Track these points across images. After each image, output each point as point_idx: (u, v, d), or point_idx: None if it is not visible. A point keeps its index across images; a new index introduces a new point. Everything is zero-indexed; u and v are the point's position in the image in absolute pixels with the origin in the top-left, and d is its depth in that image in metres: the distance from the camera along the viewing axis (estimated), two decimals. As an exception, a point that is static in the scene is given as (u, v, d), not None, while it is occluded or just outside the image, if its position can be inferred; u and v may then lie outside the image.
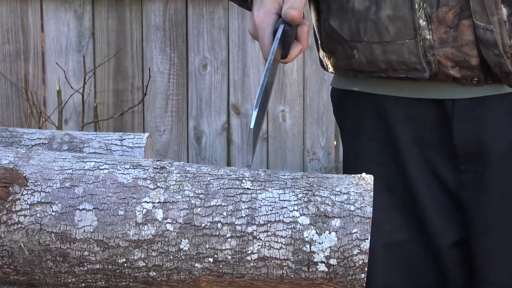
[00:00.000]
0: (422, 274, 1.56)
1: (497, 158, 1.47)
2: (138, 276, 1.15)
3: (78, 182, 1.15)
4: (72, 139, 1.41)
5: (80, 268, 1.15)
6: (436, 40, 1.41)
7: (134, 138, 1.43)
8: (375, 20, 1.44)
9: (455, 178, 1.50)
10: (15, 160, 1.17)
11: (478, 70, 1.42)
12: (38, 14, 3.50)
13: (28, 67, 3.51)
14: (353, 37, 1.48)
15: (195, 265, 1.13)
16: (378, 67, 1.47)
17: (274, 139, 3.91)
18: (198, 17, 3.73)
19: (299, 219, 1.11)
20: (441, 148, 1.51)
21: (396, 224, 1.55)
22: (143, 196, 1.13)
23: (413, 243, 1.55)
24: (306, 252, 1.11)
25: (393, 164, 1.54)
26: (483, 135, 1.47)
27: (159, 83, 3.70)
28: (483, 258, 1.50)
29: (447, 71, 1.43)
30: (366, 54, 1.47)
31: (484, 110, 1.46)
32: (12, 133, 1.41)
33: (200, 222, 1.12)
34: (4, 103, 3.52)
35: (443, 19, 1.40)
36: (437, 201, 1.52)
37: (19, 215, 1.13)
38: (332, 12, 1.51)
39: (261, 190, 1.13)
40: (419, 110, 1.51)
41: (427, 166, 1.52)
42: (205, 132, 3.81)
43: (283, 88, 3.90)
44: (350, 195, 1.12)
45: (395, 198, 1.55)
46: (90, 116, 3.58)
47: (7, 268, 1.16)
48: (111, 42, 3.60)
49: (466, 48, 1.40)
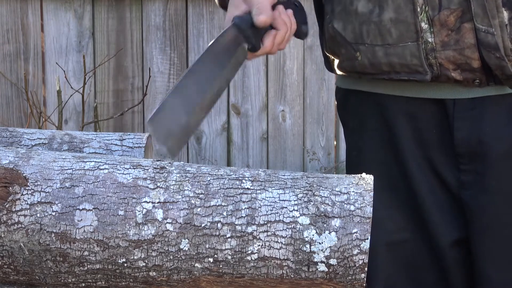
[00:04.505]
0: (423, 272, 1.56)
1: (497, 158, 1.47)
2: (138, 276, 1.14)
3: (78, 182, 1.14)
4: (72, 139, 1.41)
5: (80, 268, 1.15)
6: (438, 43, 1.42)
7: (134, 138, 1.43)
8: (378, 23, 1.45)
9: (455, 177, 1.50)
10: (15, 160, 1.17)
11: (480, 73, 1.43)
12: (38, 14, 3.50)
13: (28, 67, 3.51)
14: (356, 39, 1.49)
15: (195, 265, 1.13)
16: (380, 70, 1.48)
17: (274, 139, 3.91)
18: (198, 17, 3.73)
19: (299, 219, 1.11)
20: (442, 147, 1.51)
21: (398, 223, 1.55)
22: (143, 196, 1.13)
23: (414, 242, 1.55)
24: (306, 252, 1.11)
25: (394, 163, 1.55)
26: (484, 135, 1.47)
27: (159, 83, 3.70)
28: (483, 258, 1.50)
29: (449, 74, 1.43)
30: (369, 57, 1.47)
31: (485, 110, 1.47)
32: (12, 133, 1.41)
33: (200, 222, 1.12)
34: (4, 103, 3.52)
35: (445, 22, 1.41)
36: (438, 200, 1.52)
37: (19, 215, 1.13)
38: (336, 15, 1.52)
39: (261, 190, 1.13)
40: (420, 110, 1.51)
41: (428, 165, 1.52)
42: (205, 132, 3.81)
43: (283, 88, 3.90)
44: (350, 195, 1.12)
45: (396, 197, 1.55)
46: (90, 116, 3.58)
47: (7, 268, 1.16)
48: (111, 42, 3.60)
49: (468, 51, 1.41)
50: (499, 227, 1.49)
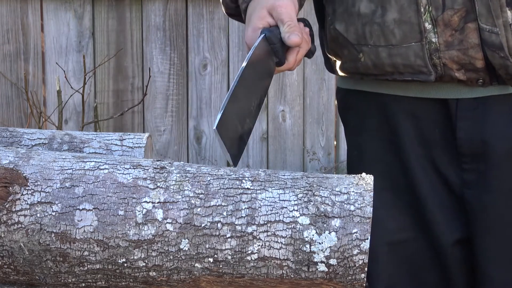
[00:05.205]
0: (425, 272, 1.57)
1: (500, 157, 1.47)
2: (138, 276, 1.15)
3: (78, 182, 1.15)
4: (72, 139, 1.41)
5: (80, 268, 1.15)
6: (442, 43, 1.42)
7: (134, 138, 1.43)
8: (381, 24, 1.45)
9: (458, 177, 1.51)
10: (15, 160, 1.17)
11: (483, 73, 1.43)
12: (38, 14, 3.50)
13: (28, 67, 3.51)
14: (359, 40, 1.48)
15: (195, 265, 1.13)
16: (384, 70, 1.48)
17: (274, 139, 3.91)
18: (198, 17, 3.73)
19: (299, 219, 1.11)
20: (444, 147, 1.51)
21: (400, 223, 1.55)
22: (143, 196, 1.13)
23: (416, 241, 1.55)
24: (306, 252, 1.11)
25: (396, 163, 1.55)
26: (487, 135, 1.47)
27: (159, 83, 3.70)
28: (485, 257, 1.50)
29: (453, 74, 1.44)
30: (372, 58, 1.47)
31: (488, 110, 1.47)
32: (12, 133, 1.41)
33: (200, 222, 1.12)
34: (4, 103, 3.52)
35: (449, 22, 1.41)
36: (440, 199, 1.52)
37: (19, 215, 1.13)
38: (338, 16, 1.52)
39: (261, 190, 1.13)
40: (423, 109, 1.51)
41: (430, 165, 1.52)
42: (205, 132, 3.81)
43: (283, 88, 3.90)
44: (350, 195, 1.12)
45: (398, 197, 1.55)
46: (90, 116, 3.58)
47: (7, 268, 1.16)
48: (111, 42, 3.60)
49: (472, 51, 1.41)
50: (501, 226, 1.49)
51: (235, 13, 1.56)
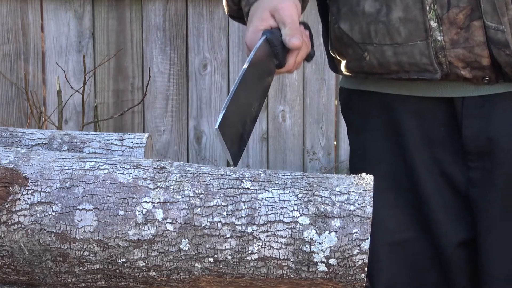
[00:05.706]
0: (427, 272, 1.57)
1: (506, 155, 1.47)
2: (138, 276, 1.14)
3: (78, 182, 1.15)
4: (72, 139, 1.41)
5: (80, 268, 1.15)
6: (447, 41, 1.42)
7: (134, 138, 1.43)
8: (386, 22, 1.45)
9: (463, 175, 1.50)
10: (15, 160, 1.17)
11: (489, 70, 1.43)
12: (38, 14, 3.50)
13: (28, 67, 3.51)
14: (364, 39, 1.48)
15: (195, 265, 1.13)
16: (389, 69, 1.48)
17: (274, 139, 3.91)
18: (198, 17, 3.73)
19: (299, 219, 1.11)
20: (449, 146, 1.51)
21: (402, 223, 1.55)
22: (143, 196, 1.13)
23: (418, 241, 1.55)
24: (306, 252, 1.11)
25: (400, 162, 1.55)
26: (493, 132, 1.47)
27: (159, 83, 3.70)
28: (489, 255, 1.50)
29: (459, 72, 1.44)
30: (377, 56, 1.47)
31: (494, 107, 1.47)
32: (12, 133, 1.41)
33: (200, 222, 1.12)
34: (4, 103, 3.51)
35: (454, 20, 1.41)
36: (444, 199, 1.52)
37: (19, 215, 1.13)
38: (342, 15, 1.52)
39: (261, 190, 1.13)
40: (428, 108, 1.51)
41: (435, 165, 1.52)
42: (205, 132, 3.80)
43: (283, 88, 3.90)
44: (350, 195, 1.12)
45: (401, 196, 1.55)
46: (90, 116, 3.58)
47: (7, 268, 1.16)
48: (111, 42, 3.60)
49: (477, 48, 1.41)
50: (506, 224, 1.49)
51: (237, 16, 1.56)
